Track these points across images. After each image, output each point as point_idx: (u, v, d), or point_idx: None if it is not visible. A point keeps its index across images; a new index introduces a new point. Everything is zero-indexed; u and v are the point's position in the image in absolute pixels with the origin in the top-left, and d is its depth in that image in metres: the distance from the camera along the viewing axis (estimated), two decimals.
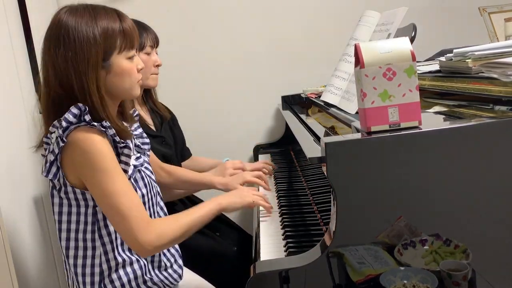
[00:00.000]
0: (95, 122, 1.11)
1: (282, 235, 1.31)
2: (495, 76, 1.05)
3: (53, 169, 1.14)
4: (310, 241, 1.21)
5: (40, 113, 1.24)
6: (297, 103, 2.24)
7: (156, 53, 1.75)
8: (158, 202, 1.33)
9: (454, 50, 1.22)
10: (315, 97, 1.89)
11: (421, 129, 0.95)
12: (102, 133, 1.12)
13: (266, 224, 1.43)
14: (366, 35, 1.53)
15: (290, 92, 2.33)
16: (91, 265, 1.19)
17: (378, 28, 1.49)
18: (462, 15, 2.31)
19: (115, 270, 1.20)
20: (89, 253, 1.19)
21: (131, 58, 1.19)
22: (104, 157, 1.10)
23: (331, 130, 1.40)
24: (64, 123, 1.09)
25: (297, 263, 1.00)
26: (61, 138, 1.10)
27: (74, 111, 1.10)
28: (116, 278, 1.20)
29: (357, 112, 1.18)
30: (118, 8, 1.22)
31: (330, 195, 1.01)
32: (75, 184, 1.15)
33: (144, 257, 1.23)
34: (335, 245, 0.97)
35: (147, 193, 1.24)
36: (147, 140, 1.37)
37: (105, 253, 1.19)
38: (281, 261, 1.07)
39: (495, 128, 0.95)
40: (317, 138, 1.24)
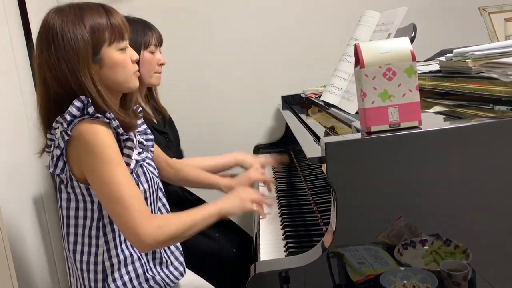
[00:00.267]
0: (99, 114, 1.12)
1: (282, 235, 1.31)
2: (495, 76, 1.05)
3: (60, 164, 1.15)
4: (310, 241, 1.21)
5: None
6: (297, 103, 2.24)
7: (160, 52, 1.77)
8: (160, 198, 1.33)
9: (454, 50, 1.22)
10: (315, 97, 1.89)
11: (421, 129, 0.95)
12: (106, 125, 1.12)
13: (266, 224, 1.43)
14: (366, 35, 1.53)
15: (290, 92, 2.33)
16: (95, 262, 1.20)
17: (378, 28, 1.49)
18: (462, 15, 2.31)
19: (118, 268, 1.20)
20: (93, 250, 1.19)
21: (123, 50, 1.19)
22: (107, 148, 1.10)
23: (331, 130, 1.40)
24: (68, 117, 1.10)
25: (297, 263, 1.00)
26: (66, 132, 1.10)
27: (78, 104, 1.11)
28: (119, 277, 1.20)
29: (357, 112, 1.18)
30: (118, 8, 1.22)
31: (330, 195, 1.00)
32: (80, 179, 1.15)
33: (144, 252, 1.22)
34: (335, 245, 0.97)
35: (149, 189, 1.24)
36: (151, 137, 1.37)
37: (108, 250, 1.19)
38: (281, 261, 1.07)
39: (495, 128, 0.95)
40: (317, 138, 1.24)
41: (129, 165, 1.17)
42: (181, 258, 1.36)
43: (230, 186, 1.59)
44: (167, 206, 1.35)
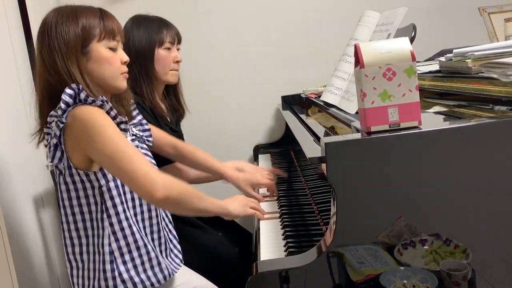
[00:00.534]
0: (92, 99, 1.16)
1: (282, 235, 1.31)
2: (495, 76, 1.05)
3: (58, 154, 1.18)
4: (310, 241, 1.21)
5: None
6: (297, 103, 2.24)
7: (178, 49, 1.79)
8: None
9: (454, 50, 1.22)
10: (315, 97, 1.89)
11: (421, 129, 0.95)
12: (100, 107, 1.17)
13: (266, 224, 1.43)
14: (366, 35, 1.53)
15: (290, 92, 2.33)
16: (102, 244, 1.21)
17: (378, 28, 1.49)
18: (462, 15, 2.31)
19: (128, 251, 1.22)
20: (100, 233, 1.21)
21: (114, 50, 1.24)
22: (103, 124, 1.13)
23: (331, 130, 1.40)
24: (63, 105, 1.14)
25: (297, 263, 1.00)
26: (60, 120, 1.14)
27: (69, 92, 1.15)
28: (129, 259, 1.22)
29: (357, 112, 1.18)
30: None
31: (330, 195, 1.01)
32: (78, 165, 1.18)
33: (157, 200, 1.14)
34: (335, 245, 0.97)
35: None
36: (148, 127, 1.39)
37: (114, 233, 1.21)
38: (281, 261, 1.07)
39: (495, 128, 0.95)
40: (317, 138, 1.24)
41: None
42: (179, 247, 1.39)
43: (237, 181, 1.59)
44: None
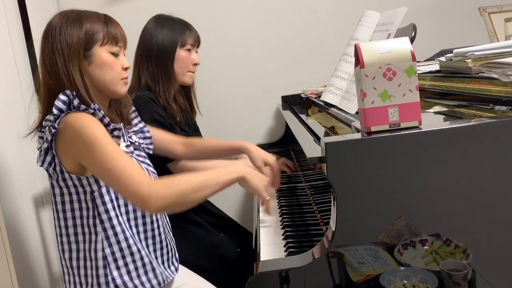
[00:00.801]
0: (84, 106, 1.16)
1: (282, 235, 1.31)
2: (495, 76, 1.05)
3: (48, 158, 1.18)
4: (310, 241, 1.21)
5: (41, 113, 1.25)
6: (297, 103, 2.24)
7: (196, 53, 1.82)
8: None
9: (454, 50, 1.22)
10: (315, 97, 1.89)
11: (421, 129, 0.95)
12: (92, 115, 1.16)
13: (266, 224, 1.43)
14: (366, 35, 1.53)
15: (290, 92, 2.33)
16: (95, 250, 1.21)
17: (378, 28, 1.49)
18: (462, 15, 2.31)
19: (121, 256, 1.22)
20: (93, 238, 1.21)
21: (116, 55, 1.25)
22: (94, 132, 1.12)
23: (331, 130, 1.40)
24: (55, 111, 1.14)
25: (297, 263, 1.00)
26: (53, 126, 1.14)
27: (63, 98, 1.15)
28: (123, 265, 1.22)
29: (357, 112, 1.18)
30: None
31: (330, 195, 1.01)
32: (71, 170, 1.18)
33: (152, 211, 1.18)
34: (335, 245, 0.97)
35: None
36: (149, 135, 1.38)
37: (107, 238, 1.21)
38: (281, 261, 1.07)
39: (495, 128, 0.95)
40: (317, 138, 1.24)
41: None
42: (177, 255, 1.38)
43: (253, 151, 1.52)
44: None
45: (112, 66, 1.24)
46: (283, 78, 2.42)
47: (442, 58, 1.31)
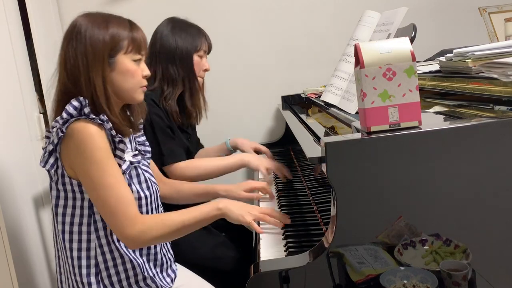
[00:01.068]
0: (94, 115, 1.15)
1: (282, 235, 1.31)
2: (495, 76, 1.05)
3: (51, 160, 1.18)
4: (310, 241, 1.21)
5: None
6: (297, 103, 2.24)
7: (206, 59, 1.83)
8: (159, 205, 1.34)
9: (454, 50, 1.22)
10: (315, 97, 1.89)
11: (421, 129, 0.95)
12: (100, 126, 1.15)
13: (266, 224, 1.43)
14: (366, 35, 1.53)
15: (290, 92, 2.33)
16: (87, 257, 1.21)
17: (378, 28, 1.49)
18: (462, 15, 2.31)
19: (113, 265, 1.22)
20: (86, 245, 1.21)
21: (137, 62, 1.23)
22: (98, 149, 1.13)
23: (331, 130, 1.40)
24: (65, 115, 1.13)
25: (297, 263, 1.00)
26: (61, 129, 1.13)
27: (75, 104, 1.14)
28: (114, 273, 1.22)
29: (357, 112, 1.18)
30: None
31: (330, 195, 1.01)
32: (72, 176, 1.18)
33: (131, 249, 1.23)
34: (335, 245, 0.97)
35: (142, 190, 1.25)
36: (149, 149, 1.38)
37: (100, 246, 1.20)
38: (281, 261, 1.07)
39: (495, 128, 0.95)
40: (317, 138, 1.24)
41: (121, 166, 1.19)
42: (174, 266, 1.38)
43: (228, 190, 1.56)
44: (161, 209, 1.36)
45: (134, 74, 1.22)
46: (283, 78, 2.42)
47: (442, 58, 1.31)
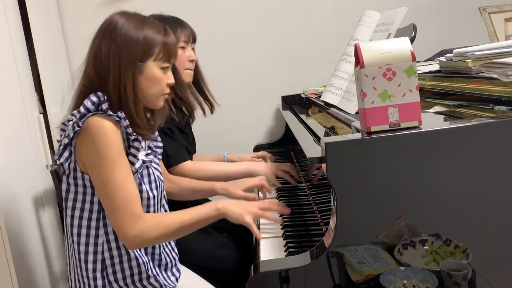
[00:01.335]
0: (111, 112, 1.15)
1: (282, 235, 1.31)
2: (495, 76, 1.05)
3: (66, 154, 1.18)
4: (310, 241, 1.21)
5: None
6: (297, 103, 2.24)
7: (193, 49, 1.77)
8: (163, 204, 1.34)
9: (454, 50, 1.22)
10: (315, 97, 1.89)
11: (421, 129, 0.95)
12: (116, 123, 1.15)
13: (266, 224, 1.43)
14: (366, 35, 1.53)
15: (290, 92, 2.33)
16: (95, 252, 1.21)
17: (378, 28, 1.49)
18: (462, 15, 2.31)
19: (119, 262, 1.22)
20: (93, 240, 1.21)
21: (165, 70, 1.24)
22: (110, 146, 1.13)
23: (331, 130, 1.40)
24: (82, 109, 1.14)
25: (297, 263, 1.00)
26: (77, 123, 1.14)
27: (93, 99, 1.15)
28: (119, 270, 1.22)
29: (357, 112, 1.18)
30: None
31: (330, 195, 1.01)
32: (84, 170, 1.19)
33: (131, 249, 1.22)
34: (335, 245, 0.97)
35: (151, 190, 1.25)
36: (160, 144, 1.38)
37: (108, 242, 1.21)
38: (281, 261, 1.07)
39: (495, 128, 0.95)
40: (317, 138, 1.24)
41: (134, 165, 1.19)
42: (179, 265, 1.37)
43: (225, 188, 1.56)
44: (166, 207, 1.35)
45: (160, 82, 1.23)
46: (283, 78, 2.42)
47: (442, 58, 1.31)
